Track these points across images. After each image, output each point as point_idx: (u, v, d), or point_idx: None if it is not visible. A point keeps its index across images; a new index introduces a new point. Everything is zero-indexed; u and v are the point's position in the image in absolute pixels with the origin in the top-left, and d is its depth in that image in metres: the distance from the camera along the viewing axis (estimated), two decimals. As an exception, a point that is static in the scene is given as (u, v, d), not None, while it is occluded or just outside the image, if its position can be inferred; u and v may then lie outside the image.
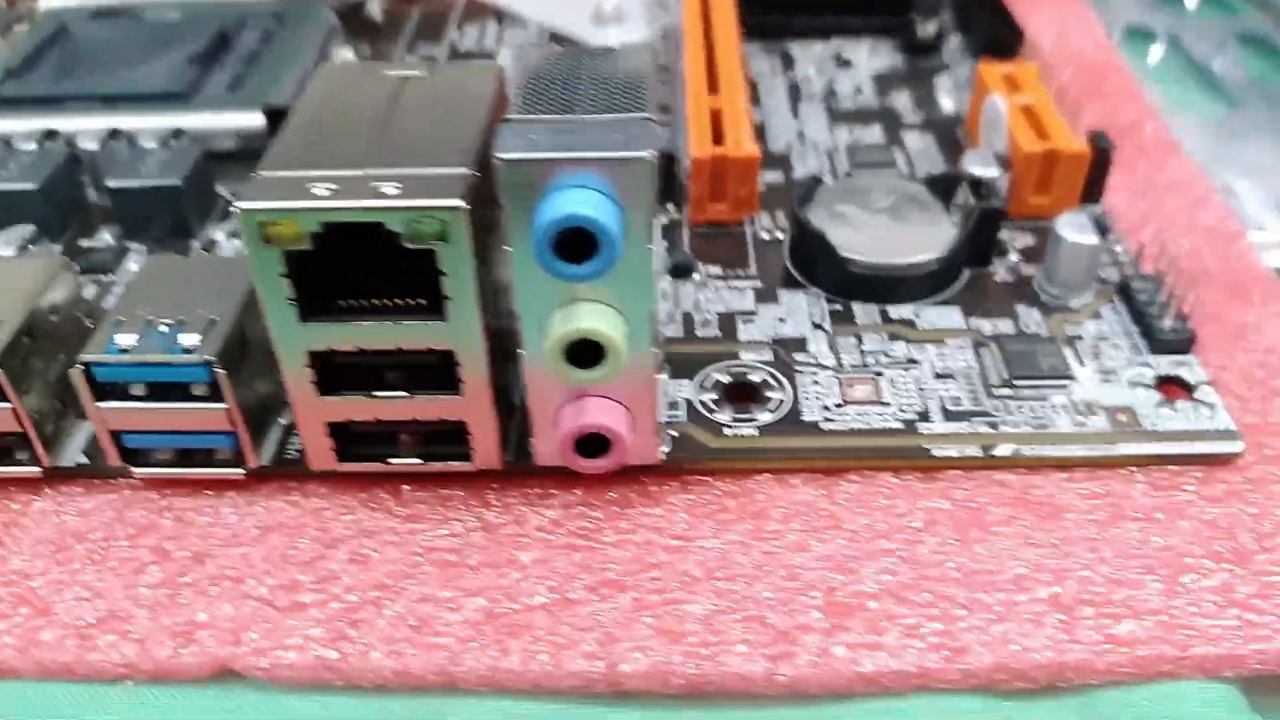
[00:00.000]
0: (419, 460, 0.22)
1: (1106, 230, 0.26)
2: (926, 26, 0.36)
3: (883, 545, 0.21)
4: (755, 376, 0.24)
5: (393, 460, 0.22)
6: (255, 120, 0.32)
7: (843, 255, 0.26)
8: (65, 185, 0.30)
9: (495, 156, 0.18)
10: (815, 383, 0.24)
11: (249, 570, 0.21)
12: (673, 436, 0.23)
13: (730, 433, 0.23)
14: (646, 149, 0.18)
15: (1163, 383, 0.24)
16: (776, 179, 0.31)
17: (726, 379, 0.24)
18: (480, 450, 0.22)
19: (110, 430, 0.22)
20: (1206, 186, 0.30)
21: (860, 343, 0.25)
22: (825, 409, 0.24)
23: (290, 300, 0.20)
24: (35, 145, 0.30)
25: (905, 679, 0.19)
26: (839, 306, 0.26)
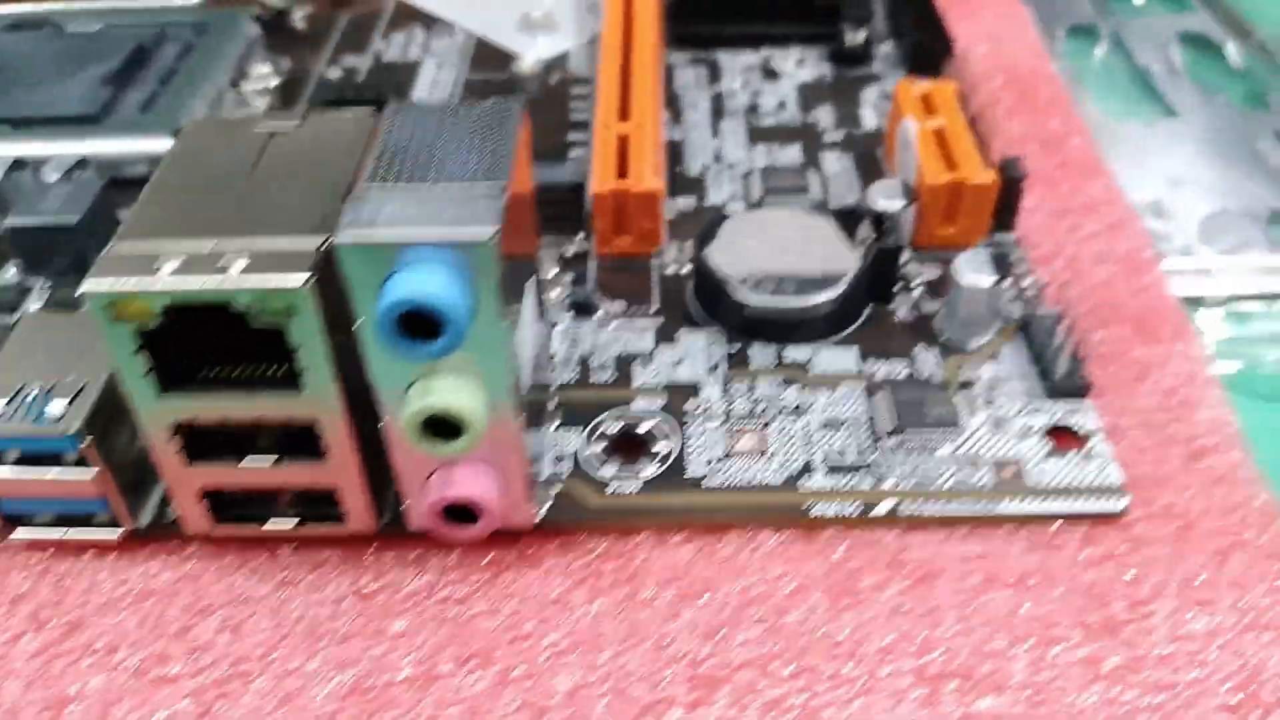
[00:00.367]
0: (294, 524, 0.22)
1: (1006, 269, 0.25)
2: (855, 35, 0.35)
3: (753, 613, 0.21)
4: (644, 426, 0.24)
5: (268, 525, 0.22)
6: (164, 145, 0.31)
7: (738, 299, 0.25)
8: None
9: (332, 238, 0.18)
10: (703, 433, 0.24)
11: (122, 639, 0.21)
12: (553, 495, 0.23)
13: (613, 489, 0.23)
14: (488, 229, 0.18)
15: (1055, 431, 0.24)
16: (689, 205, 0.30)
17: (615, 429, 0.24)
18: (353, 514, 0.22)
19: (-13, 495, 0.22)
20: (1126, 208, 0.30)
21: (753, 388, 0.25)
22: (710, 462, 0.23)
23: (147, 374, 0.20)
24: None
25: (763, 756, 0.19)
26: (737, 347, 0.26)
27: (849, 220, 0.27)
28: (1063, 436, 0.24)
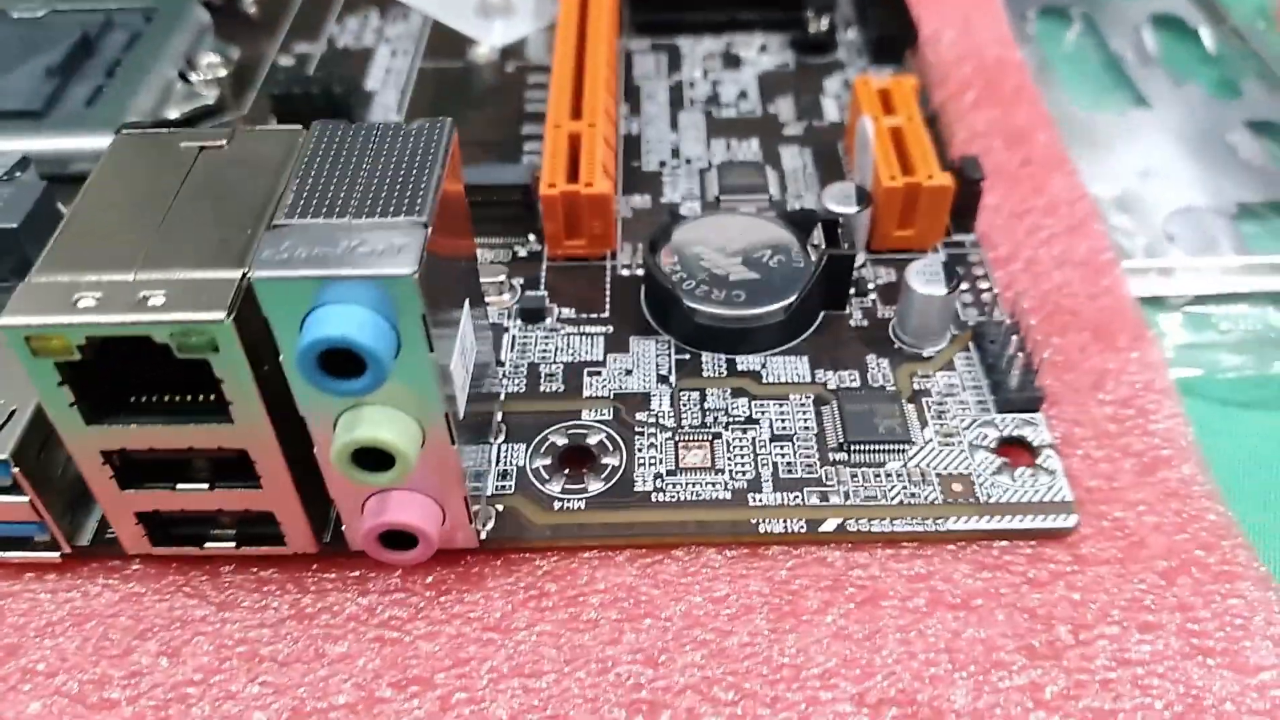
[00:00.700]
0: (234, 545, 0.22)
1: (961, 275, 0.25)
2: (819, 22, 0.34)
3: (696, 635, 0.21)
4: (593, 439, 0.24)
5: (208, 546, 0.22)
6: (108, 142, 0.31)
7: (689, 306, 0.25)
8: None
9: (249, 274, 0.18)
10: (652, 445, 0.24)
11: (61, 664, 0.21)
12: (498, 511, 0.22)
13: (559, 505, 0.23)
14: (408, 265, 0.17)
15: (1007, 443, 0.23)
16: (644, 204, 0.30)
17: (563, 442, 0.24)
18: (292, 535, 0.22)
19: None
20: (1089, 208, 0.29)
21: (703, 399, 0.24)
22: (658, 476, 0.23)
23: (71, 405, 0.19)
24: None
25: (702, 784, 0.19)
26: (688, 355, 0.25)
27: (803, 225, 0.27)
28: (1014, 450, 0.23)
